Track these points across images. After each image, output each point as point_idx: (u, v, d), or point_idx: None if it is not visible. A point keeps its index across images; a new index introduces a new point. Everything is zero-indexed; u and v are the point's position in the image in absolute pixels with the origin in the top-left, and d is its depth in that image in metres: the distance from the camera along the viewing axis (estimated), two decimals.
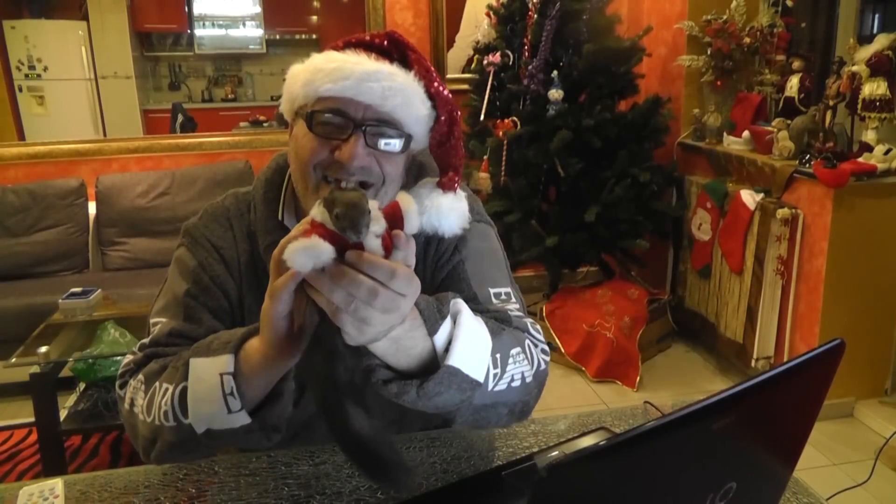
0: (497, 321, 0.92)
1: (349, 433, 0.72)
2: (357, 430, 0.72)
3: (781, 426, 0.65)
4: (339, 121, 0.88)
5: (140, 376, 0.91)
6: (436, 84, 0.90)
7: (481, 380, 0.81)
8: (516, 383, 0.88)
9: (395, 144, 0.90)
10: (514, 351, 0.88)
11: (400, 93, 0.87)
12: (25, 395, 2.40)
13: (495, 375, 0.84)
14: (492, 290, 1.00)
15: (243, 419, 0.81)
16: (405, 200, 0.73)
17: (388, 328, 0.70)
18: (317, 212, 0.69)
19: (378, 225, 0.69)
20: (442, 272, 1.01)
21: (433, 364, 0.78)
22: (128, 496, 0.91)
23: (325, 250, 0.66)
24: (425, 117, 0.91)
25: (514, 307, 0.99)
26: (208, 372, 0.82)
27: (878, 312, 2.64)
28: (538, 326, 0.99)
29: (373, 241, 0.68)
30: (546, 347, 0.97)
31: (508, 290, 1.02)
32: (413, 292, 0.69)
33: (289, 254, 0.66)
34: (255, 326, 0.83)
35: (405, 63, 0.91)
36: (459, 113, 0.93)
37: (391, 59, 0.90)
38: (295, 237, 0.68)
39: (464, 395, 0.80)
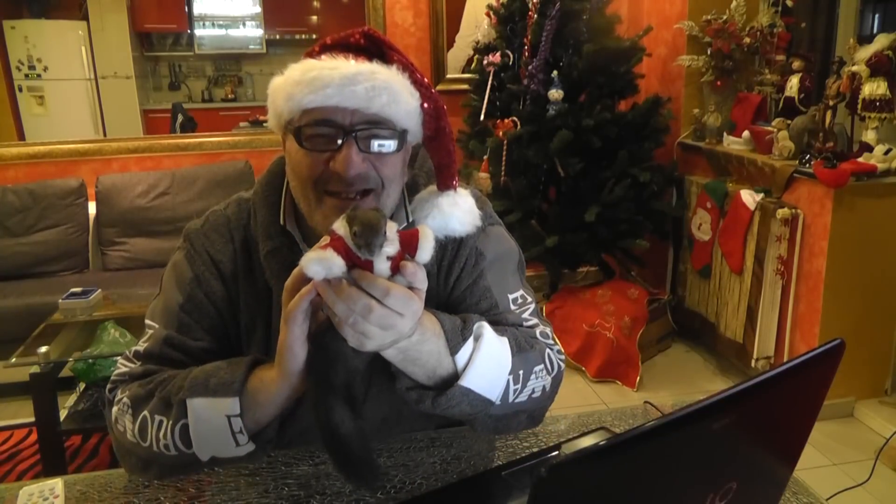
0: (525, 336, 0.96)
1: (329, 427, 0.77)
2: (336, 425, 0.77)
3: (781, 426, 0.65)
4: (328, 131, 0.86)
5: (125, 399, 0.91)
6: (417, 76, 0.88)
7: (494, 399, 0.87)
8: (536, 394, 0.94)
9: (390, 145, 0.87)
10: (537, 368, 0.94)
11: (385, 90, 0.84)
12: (25, 395, 2.40)
13: (516, 390, 0.91)
14: (510, 296, 1.01)
15: (249, 448, 0.85)
16: (425, 232, 0.78)
17: (392, 341, 0.76)
18: (339, 225, 0.75)
19: (392, 247, 0.74)
20: (465, 281, 0.99)
21: (453, 379, 0.85)
22: (128, 496, 0.91)
23: (337, 264, 0.72)
24: (416, 109, 0.88)
25: (529, 309, 1.03)
26: (212, 414, 0.83)
27: (878, 312, 2.64)
28: (550, 327, 1.03)
29: (382, 263, 0.74)
30: (560, 347, 1.03)
31: (523, 292, 1.04)
32: (412, 312, 0.75)
33: (305, 261, 0.73)
34: (253, 358, 0.87)
35: (385, 60, 0.88)
36: (445, 107, 0.91)
37: (370, 58, 0.87)
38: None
39: (475, 410, 0.87)
